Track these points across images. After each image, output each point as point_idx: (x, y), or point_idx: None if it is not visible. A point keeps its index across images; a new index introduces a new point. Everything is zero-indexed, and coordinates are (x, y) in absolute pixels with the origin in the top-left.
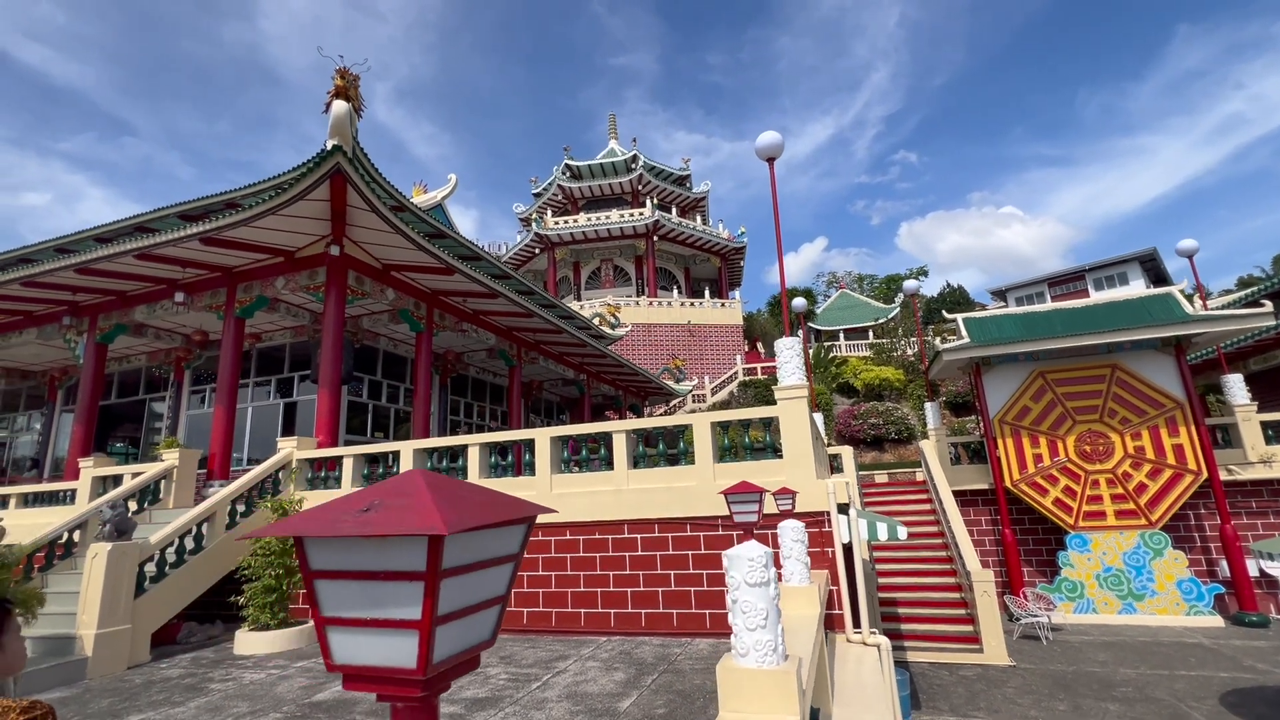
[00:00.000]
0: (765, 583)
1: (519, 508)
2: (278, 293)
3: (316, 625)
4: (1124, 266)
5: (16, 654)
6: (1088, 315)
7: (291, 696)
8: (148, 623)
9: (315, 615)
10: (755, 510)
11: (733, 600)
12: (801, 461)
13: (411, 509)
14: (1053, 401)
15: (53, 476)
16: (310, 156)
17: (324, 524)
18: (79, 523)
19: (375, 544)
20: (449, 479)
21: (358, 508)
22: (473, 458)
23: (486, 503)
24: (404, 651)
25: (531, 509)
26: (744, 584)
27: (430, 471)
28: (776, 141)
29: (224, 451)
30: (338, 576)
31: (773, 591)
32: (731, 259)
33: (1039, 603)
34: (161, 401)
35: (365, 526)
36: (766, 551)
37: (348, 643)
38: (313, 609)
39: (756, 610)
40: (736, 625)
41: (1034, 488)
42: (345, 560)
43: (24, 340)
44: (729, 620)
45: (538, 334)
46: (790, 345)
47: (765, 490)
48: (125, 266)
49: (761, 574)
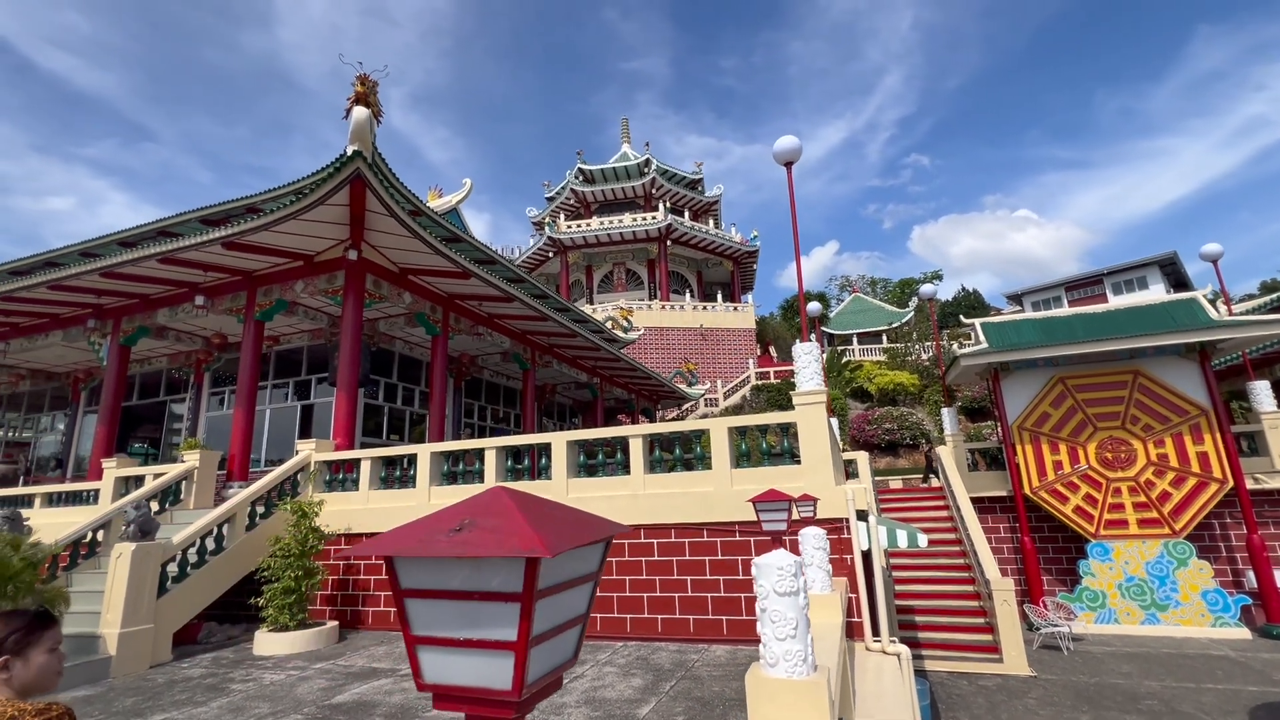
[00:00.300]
0: (795, 592)
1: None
2: (296, 296)
3: (407, 644)
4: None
5: (47, 672)
6: (1109, 320)
7: (312, 698)
8: (170, 622)
9: (405, 634)
10: (784, 518)
11: (762, 609)
12: (820, 467)
13: (508, 530)
14: (1073, 408)
15: (75, 476)
16: (329, 162)
17: (417, 543)
18: (103, 522)
19: (470, 564)
20: (534, 497)
21: (449, 527)
22: (489, 461)
23: (575, 522)
24: (498, 673)
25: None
26: (773, 593)
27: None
28: (795, 146)
29: (243, 453)
30: (429, 596)
31: (802, 601)
32: (744, 263)
33: (1059, 612)
34: (181, 403)
35: (463, 547)
36: (796, 560)
37: (439, 662)
38: (403, 628)
39: (786, 620)
40: (765, 634)
41: (1054, 495)
42: (438, 580)
43: (49, 342)
44: (758, 629)
45: (551, 337)
46: (808, 350)
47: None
48: (148, 270)
49: (791, 583)
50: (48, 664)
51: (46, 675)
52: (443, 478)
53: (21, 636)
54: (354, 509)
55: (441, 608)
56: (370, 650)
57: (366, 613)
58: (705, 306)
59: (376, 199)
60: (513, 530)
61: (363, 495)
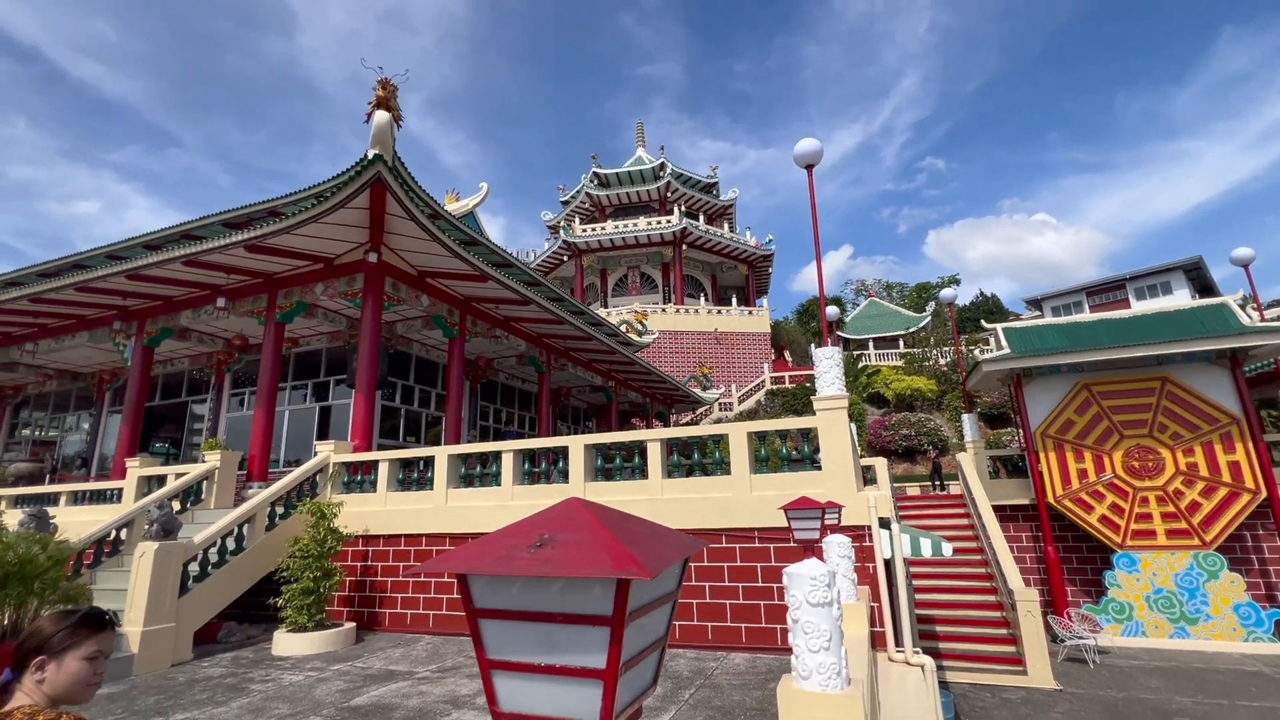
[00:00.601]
0: (829, 603)
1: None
2: (316, 299)
3: (481, 668)
4: (1167, 275)
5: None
6: (1136, 326)
7: (330, 700)
8: (191, 621)
9: (480, 657)
10: (817, 526)
11: (794, 620)
12: (842, 474)
13: (595, 546)
14: (1098, 415)
15: (99, 475)
16: (350, 165)
17: (496, 560)
18: (126, 521)
19: (553, 584)
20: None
21: (528, 542)
22: (506, 464)
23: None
24: (584, 703)
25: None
26: (806, 603)
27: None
28: (816, 149)
29: (263, 454)
30: (506, 617)
31: (836, 612)
32: (759, 266)
33: (1084, 624)
34: (202, 404)
35: (547, 565)
36: (829, 570)
37: (518, 690)
38: (477, 650)
39: (820, 632)
40: (798, 646)
41: (1078, 504)
42: (516, 600)
43: (76, 343)
44: (789, 640)
45: (567, 341)
46: (830, 355)
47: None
48: (173, 272)
49: (824, 593)
50: (80, 673)
51: (76, 685)
52: (460, 480)
53: (64, 637)
54: (371, 510)
55: (520, 630)
56: (387, 652)
57: (383, 614)
58: (720, 310)
59: (396, 202)
60: (601, 547)
61: (380, 497)
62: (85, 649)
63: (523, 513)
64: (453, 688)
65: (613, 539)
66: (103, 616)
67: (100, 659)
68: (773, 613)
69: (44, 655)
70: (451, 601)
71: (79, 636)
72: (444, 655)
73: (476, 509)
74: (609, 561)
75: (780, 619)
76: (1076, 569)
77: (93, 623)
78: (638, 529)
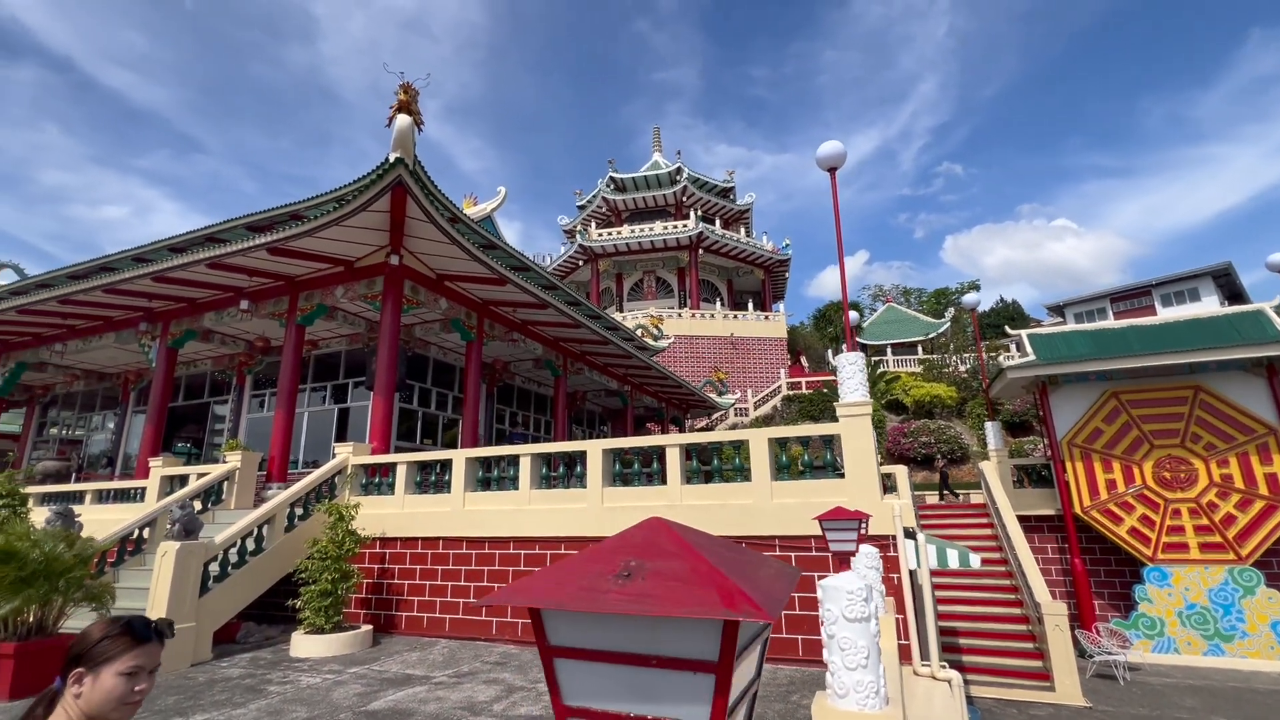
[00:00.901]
0: (866, 618)
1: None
2: (336, 301)
3: (557, 714)
4: (1195, 282)
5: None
6: (1167, 333)
7: (348, 704)
8: (210, 621)
9: (555, 702)
10: (854, 538)
11: (829, 635)
12: (865, 482)
13: (698, 580)
14: (1127, 424)
15: (123, 473)
16: (372, 169)
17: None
18: (149, 520)
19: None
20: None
21: (611, 571)
22: (524, 468)
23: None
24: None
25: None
26: (842, 618)
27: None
28: (839, 151)
29: (283, 455)
30: (588, 657)
31: (874, 628)
32: (775, 271)
33: (1113, 639)
34: (223, 404)
35: (641, 602)
36: (867, 584)
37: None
38: (552, 694)
39: (857, 648)
40: (834, 663)
41: (1107, 515)
42: (600, 638)
43: (103, 344)
44: (824, 656)
45: (584, 345)
46: (853, 360)
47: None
48: (197, 274)
49: (862, 608)
50: (115, 690)
51: (111, 703)
52: (478, 483)
53: (105, 648)
54: (389, 513)
55: (604, 674)
56: (404, 656)
57: (400, 617)
58: (736, 315)
59: (417, 205)
60: (704, 580)
61: (398, 499)
62: (124, 663)
63: (540, 517)
64: (470, 694)
65: (714, 569)
66: (147, 627)
67: (141, 675)
68: (793, 623)
69: (83, 667)
70: (468, 606)
71: (117, 648)
72: (460, 660)
73: (493, 513)
74: (717, 598)
75: (802, 629)
76: (1104, 582)
77: (133, 634)
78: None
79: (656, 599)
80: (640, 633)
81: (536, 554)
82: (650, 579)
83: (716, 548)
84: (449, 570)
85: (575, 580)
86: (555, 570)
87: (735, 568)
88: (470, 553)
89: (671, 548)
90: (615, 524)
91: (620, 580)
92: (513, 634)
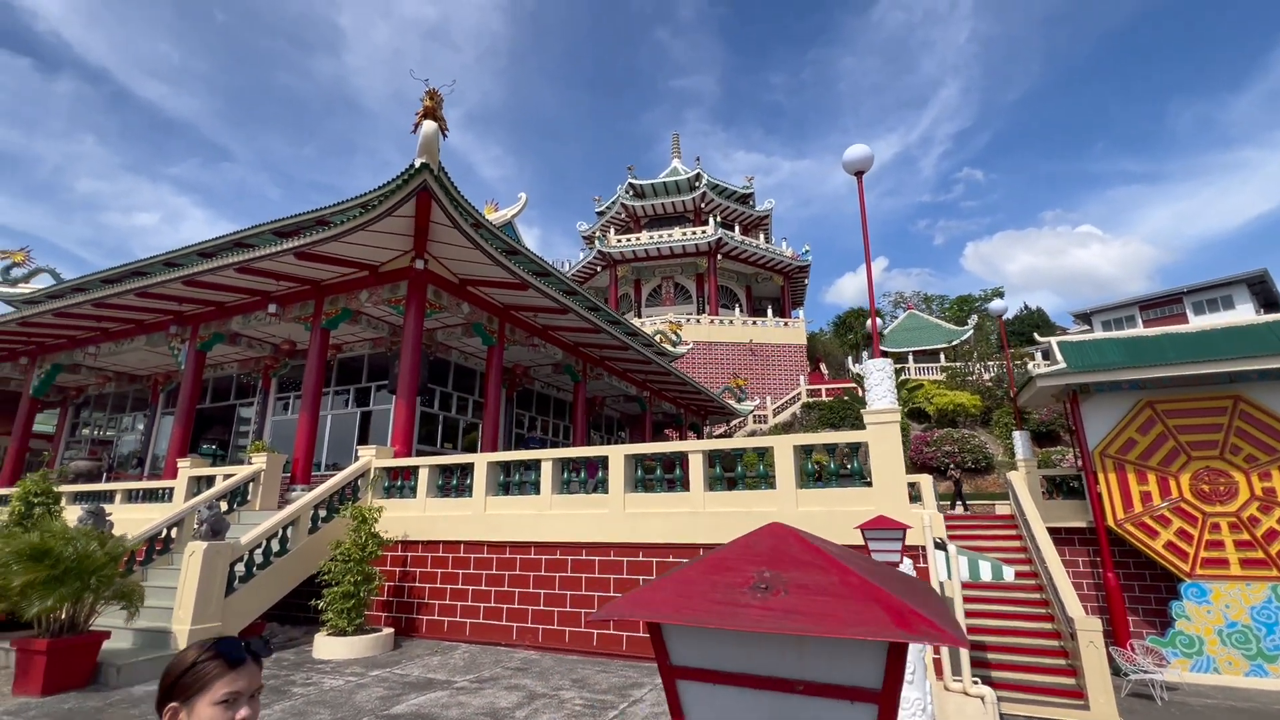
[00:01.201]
0: None
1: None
2: (361, 305)
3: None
4: (1229, 289)
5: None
6: (1204, 341)
7: (370, 707)
8: (236, 621)
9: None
10: (899, 549)
11: None
12: (894, 491)
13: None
14: (1163, 435)
15: (151, 473)
16: (398, 174)
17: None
18: (177, 520)
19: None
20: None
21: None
22: (545, 473)
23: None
24: None
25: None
26: None
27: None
28: (866, 155)
29: (306, 457)
30: (720, 680)
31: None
32: (795, 278)
33: (1149, 657)
34: (248, 407)
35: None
36: None
37: None
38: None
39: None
40: None
41: (1141, 529)
42: (731, 657)
43: (134, 346)
44: None
45: (603, 350)
46: (881, 366)
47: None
48: (226, 279)
49: None
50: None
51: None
52: (499, 488)
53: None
54: (411, 516)
55: (738, 700)
56: (425, 660)
57: (420, 620)
58: (755, 321)
59: (442, 210)
60: (865, 595)
61: (420, 503)
62: (218, 691)
63: (561, 523)
64: (492, 699)
65: (868, 583)
66: (239, 648)
67: (240, 700)
68: None
69: (175, 701)
70: (489, 610)
71: (209, 676)
72: (481, 665)
73: (514, 517)
74: (887, 617)
75: None
76: (1139, 598)
77: (225, 657)
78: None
79: (811, 616)
80: (783, 654)
81: (558, 559)
82: (795, 592)
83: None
84: (470, 574)
85: (703, 592)
86: (674, 581)
87: (887, 581)
88: (491, 557)
89: (807, 557)
90: (637, 530)
91: (759, 593)
92: (533, 639)
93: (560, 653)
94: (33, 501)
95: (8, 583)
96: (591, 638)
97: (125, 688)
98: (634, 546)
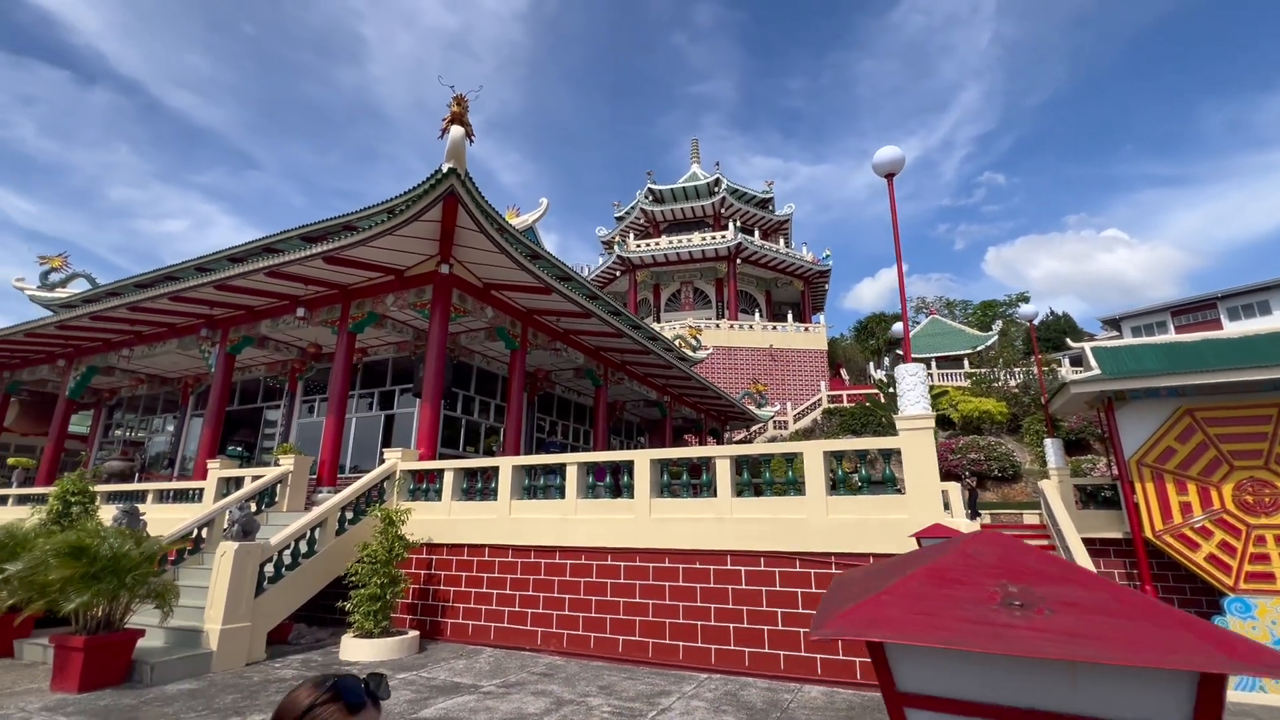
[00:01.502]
0: None
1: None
2: (386, 309)
3: None
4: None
5: None
6: (1247, 346)
7: (398, 710)
8: (265, 621)
9: None
10: None
11: None
12: (927, 498)
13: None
14: (1203, 443)
15: (181, 474)
16: (424, 179)
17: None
18: (207, 520)
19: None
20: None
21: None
22: (570, 477)
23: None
24: None
25: None
26: None
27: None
28: (896, 157)
29: (333, 459)
30: (962, 711)
31: None
32: (815, 283)
33: None
34: (275, 410)
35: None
36: None
37: None
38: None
39: None
40: None
41: (1181, 541)
42: (973, 685)
43: (166, 349)
44: None
45: (624, 354)
46: (914, 371)
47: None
48: (255, 283)
49: None
50: None
51: None
52: (523, 491)
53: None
54: (436, 519)
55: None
56: (451, 664)
57: (445, 624)
58: (775, 326)
59: (468, 215)
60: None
61: (445, 505)
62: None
63: (586, 527)
64: (519, 705)
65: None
66: (360, 690)
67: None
68: (851, 645)
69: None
70: (513, 615)
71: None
72: (506, 670)
73: (539, 521)
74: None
75: (858, 651)
76: None
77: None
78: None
79: (1106, 641)
80: (1050, 683)
81: (582, 564)
82: (1064, 611)
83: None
84: (494, 578)
85: (945, 609)
86: (899, 595)
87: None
88: (516, 561)
89: (1055, 570)
90: (662, 536)
91: (1017, 611)
92: (558, 645)
93: (585, 658)
94: (70, 500)
95: (45, 577)
96: (617, 644)
97: (159, 686)
98: (659, 552)
